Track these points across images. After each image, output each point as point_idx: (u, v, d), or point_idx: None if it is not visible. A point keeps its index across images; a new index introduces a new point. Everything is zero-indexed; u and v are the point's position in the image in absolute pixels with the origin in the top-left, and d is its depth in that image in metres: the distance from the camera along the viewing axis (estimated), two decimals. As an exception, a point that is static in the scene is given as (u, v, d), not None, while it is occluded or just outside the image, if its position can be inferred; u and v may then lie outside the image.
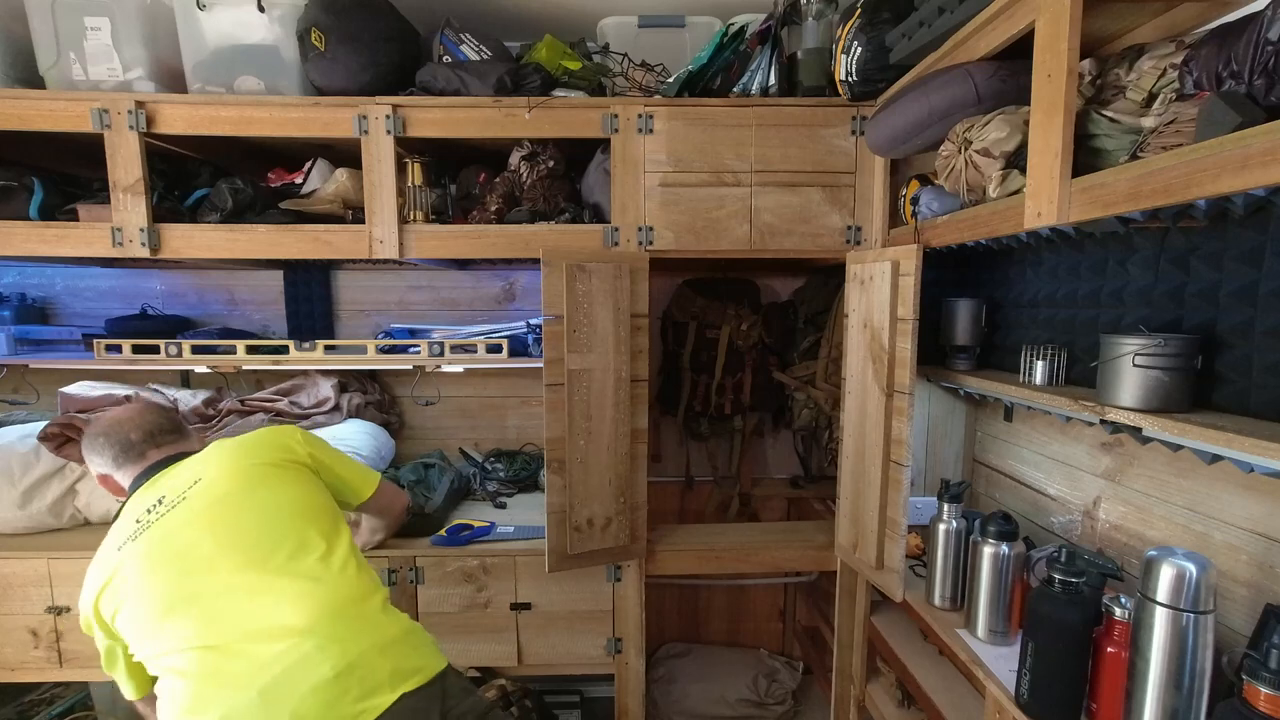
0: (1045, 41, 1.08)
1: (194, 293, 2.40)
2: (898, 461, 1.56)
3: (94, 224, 1.76)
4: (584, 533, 1.73)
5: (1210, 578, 0.94)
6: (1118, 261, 1.31)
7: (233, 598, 1.15)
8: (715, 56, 1.73)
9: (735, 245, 1.79)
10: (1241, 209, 0.88)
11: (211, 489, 1.25)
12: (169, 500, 1.24)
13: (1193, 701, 0.95)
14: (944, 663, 1.63)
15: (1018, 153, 1.22)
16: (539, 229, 1.80)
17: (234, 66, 1.77)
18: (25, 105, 1.71)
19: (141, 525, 1.21)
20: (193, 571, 1.16)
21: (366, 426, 2.25)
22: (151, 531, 1.20)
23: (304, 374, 2.33)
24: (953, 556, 1.50)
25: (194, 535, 1.19)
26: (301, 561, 1.20)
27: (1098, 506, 1.49)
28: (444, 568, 1.83)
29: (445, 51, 1.80)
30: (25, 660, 1.85)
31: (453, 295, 2.43)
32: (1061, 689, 1.09)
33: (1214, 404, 1.10)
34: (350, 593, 1.21)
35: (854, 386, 1.74)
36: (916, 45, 1.43)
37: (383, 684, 1.14)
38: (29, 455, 1.92)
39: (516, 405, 2.47)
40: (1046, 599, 1.11)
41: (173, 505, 1.23)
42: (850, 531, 1.78)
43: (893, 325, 1.55)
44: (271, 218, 1.83)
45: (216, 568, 1.17)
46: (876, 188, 1.78)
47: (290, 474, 1.33)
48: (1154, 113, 1.04)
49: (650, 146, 1.76)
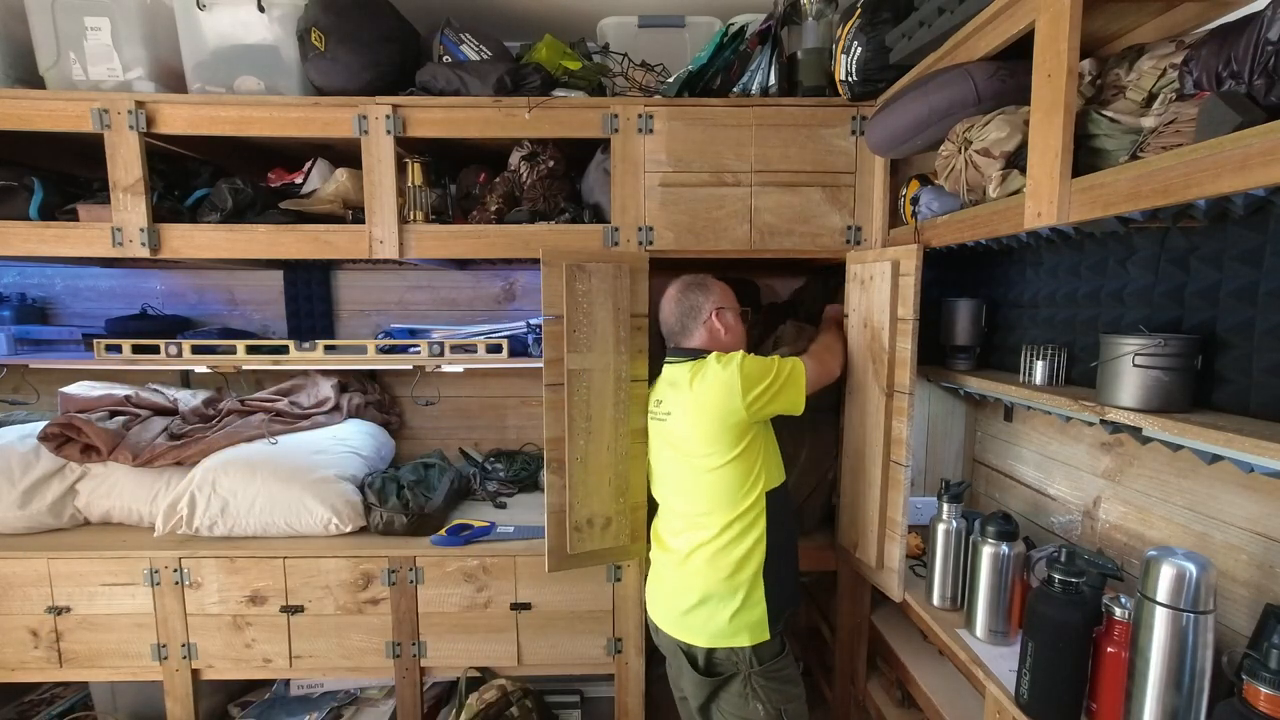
0: (1045, 41, 1.08)
1: (194, 293, 2.41)
2: (898, 461, 1.56)
3: (94, 224, 1.76)
4: (584, 532, 1.73)
5: (1210, 578, 0.94)
6: (1118, 261, 1.31)
7: None
8: (715, 56, 1.73)
9: (735, 245, 1.79)
10: (1241, 209, 0.88)
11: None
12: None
13: (1193, 701, 0.95)
14: (944, 663, 1.63)
15: (1018, 153, 1.21)
16: (539, 229, 1.80)
17: (234, 66, 1.77)
18: (25, 105, 1.71)
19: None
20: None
21: (366, 426, 2.25)
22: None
23: (304, 374, 2.33)
24: (953, 556, 1.50)
25: None
26: None
27: (1098, 506, 1.49)
28: (444, 568, 1.83)
29: (445, 51, 1.80)
30: (25, 660, 1.86)
31: (453, 295, 2.43)
32: (1061, 689, 1.09)
33: (1214, 404, 1.10)
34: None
35: (854, 386, 1.74)
36: (916, 45, 1.43)
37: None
38: (29, 455, 1.92)
39: (516, 405, 2.47)
40: (1046, 599, 1.11)
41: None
42: (850, 531, 1.78)
43: (893, 325, 1.55)
44: (271, 218, 1.83)
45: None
46: (876, 188, 1.77)
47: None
48: (1154, 113, 1.04)
49: (650, 146, 1.76)
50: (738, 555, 1.47)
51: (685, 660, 1.52)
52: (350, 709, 2.04)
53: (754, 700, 1.46)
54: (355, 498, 1.92)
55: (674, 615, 1.53)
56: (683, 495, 1.56)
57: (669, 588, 1.56)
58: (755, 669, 1.46)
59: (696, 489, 1.52)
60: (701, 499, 1.51)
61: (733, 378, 1.44)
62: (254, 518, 1.83)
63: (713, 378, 1.47)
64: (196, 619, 1.84)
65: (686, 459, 1.53)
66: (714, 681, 1.48)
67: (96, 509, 1.95)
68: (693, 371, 1.52)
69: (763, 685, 1.46)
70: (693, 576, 1.50)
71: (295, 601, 1.83)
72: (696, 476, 1.51)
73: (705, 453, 1.48)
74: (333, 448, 2.03)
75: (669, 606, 1.55)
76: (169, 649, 1.85)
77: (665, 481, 1.64)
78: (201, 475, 1.85)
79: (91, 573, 1.82)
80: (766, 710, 1.46)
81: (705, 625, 1.48)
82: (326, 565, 1.82)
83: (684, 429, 1.51)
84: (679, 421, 1.53)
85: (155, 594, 1.83)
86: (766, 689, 1.46)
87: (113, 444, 1.90)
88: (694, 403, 1.48)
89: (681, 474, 1.55)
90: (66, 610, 1.83)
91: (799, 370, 1.51)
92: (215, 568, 1.82)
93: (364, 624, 1.85)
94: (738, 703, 1.47)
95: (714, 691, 1.50)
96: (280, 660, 1.86)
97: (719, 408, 1.44)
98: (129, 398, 2.09)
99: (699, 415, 1.48)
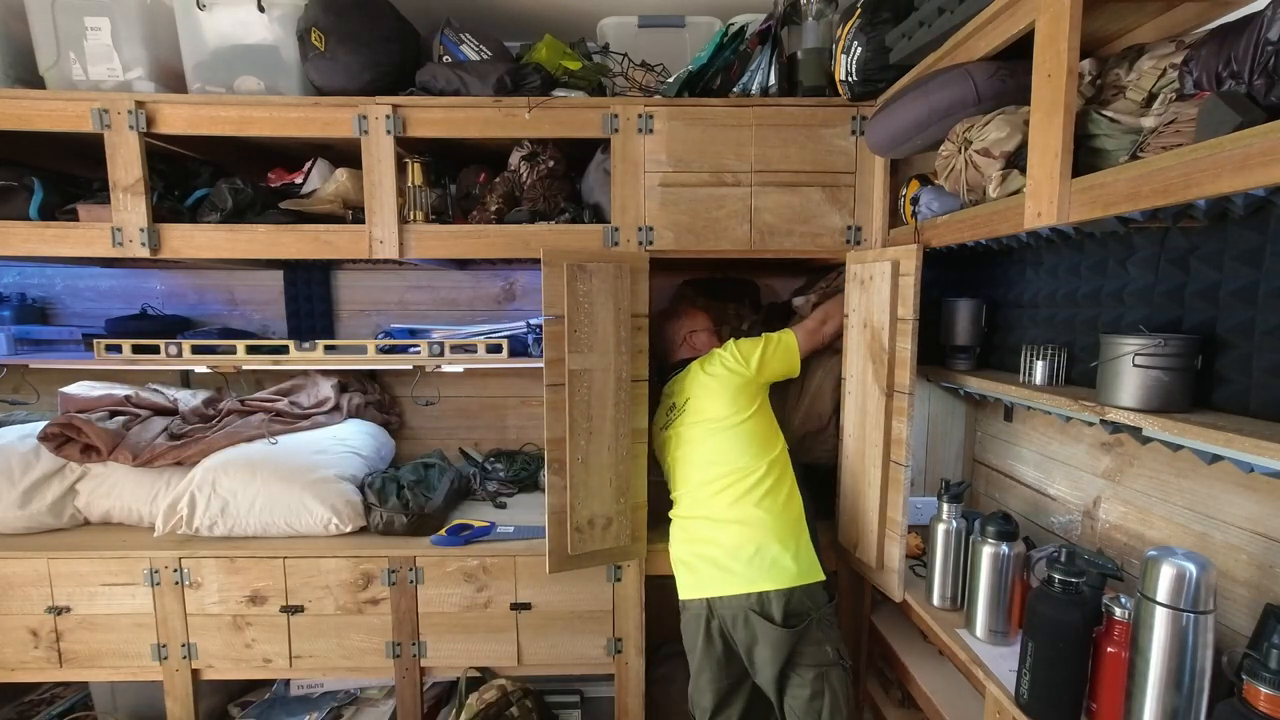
0: (1045, 41, 1.08)
1: (194, 293, 2.40)
2: (897, 461, 1.56)
3: (94, 224, 1.76)
4: (584, 533, 1.73)
5: (1210, 578, 0.94)
6: (1118, 261, 1.31)
7: None
8: (715, 56, 1.73)
9: (735, 245, 1.79)
10: (1241, 209, 0.88)
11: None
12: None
13: (1193, 701, 0.95)
14: (944, 663, 1.63)
15: (1018, 153, 1.21)
16: (539, 229, 1.80)
17: (234, 66, 1.77)
18: (25, 105, 1.71)
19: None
20: None
21: (366, 426, 2.25)
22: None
23: (304, 374, 2.33)
24: (953, 556, 1.50)
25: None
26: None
27: (1098, 506, 1.49)
28: (444, 568, 1.83)
29: (445, 51, 1.80)
30: (25, 660, 1.86)
31: (453, 295, 2.43)
32: (1061, 689, 1.09)
33: (1214, 404, 1.10)
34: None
35: (854, 386, 1.74)
36: (916, 45, 1.43)
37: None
38: (29, 455, 1.92)
39: (516, 405, 2.47)
40: (1046, 599, 1.11)
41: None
42: (850, 531, 1.78)
43: (893, 325, 1.55)
44: (271, 218, 1.83)
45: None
46: (876, 188, 1.77)
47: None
48: (1154, 113, 1.04)
49: (650, 146, 1.76)
50: (783, 496, 1.63)
51: (760, 622, 1.53)
52: (350, 709, 2.04)
53: (825, 643, 1.55)
54: (355, 498, 1.92)
55: (736, 573, 1.57)
56: (716, 462, 1.67)
57: (720, 552, 1.61)
58: (825, 609, 1.56)
59: (730, 445, 1.66)
60: (736, 452, 1.65)
61: (733, 350, 1.76)
62: (254, 518, 1.83)
63: (717, 359, 1.76)
64: (196, 619, 1.84)
65: (713, 424, 1.69)
66: (795, 633, 1.52)
67: (96, 509, 1.95)
68: (695, 366, 1.79)
69: (828, 626, 1.56)
70: (746, 528, 1.59)
71: (295, 601, 1.83)
72: (727, 433, 1.67)
73: (728, 413, 1.68)
74: (333, 448, 2.03)
75: (726, 570, 1.58)
76: (169, 649, 1.85)
77: (691, 463, 1.73)
78: (201, 475, 1.84)
79: (91, 573, 1.82)
80: (831, 651, 1.54)
81: (772, 569, 1.54)
82: (326, 565, 1.82)
83: (703, 403, 1.72)
84: (698, 402, 1.73)
85: (155, 594, 1.83)
86: (828, 629, 1.56)
87: (113, 444, 1.90)
88: (707, 381, 1.73)
89: (712, 443, 1.69)
90: (66, 610, 1.83)
91: (788, 337, 1.79)
92: (215, 568, 1.82)
93: (364, 624, 1.85)
94: (814, 652, 1.54)
95: (794, 646, 1.53)
96: (280, 660, 1.86)
97: (730, 375, 1.71)
98: (129, 398, 2.09)
99: (715, 385, 1.71)
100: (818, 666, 1.52)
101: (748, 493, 1.61)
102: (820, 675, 1.52)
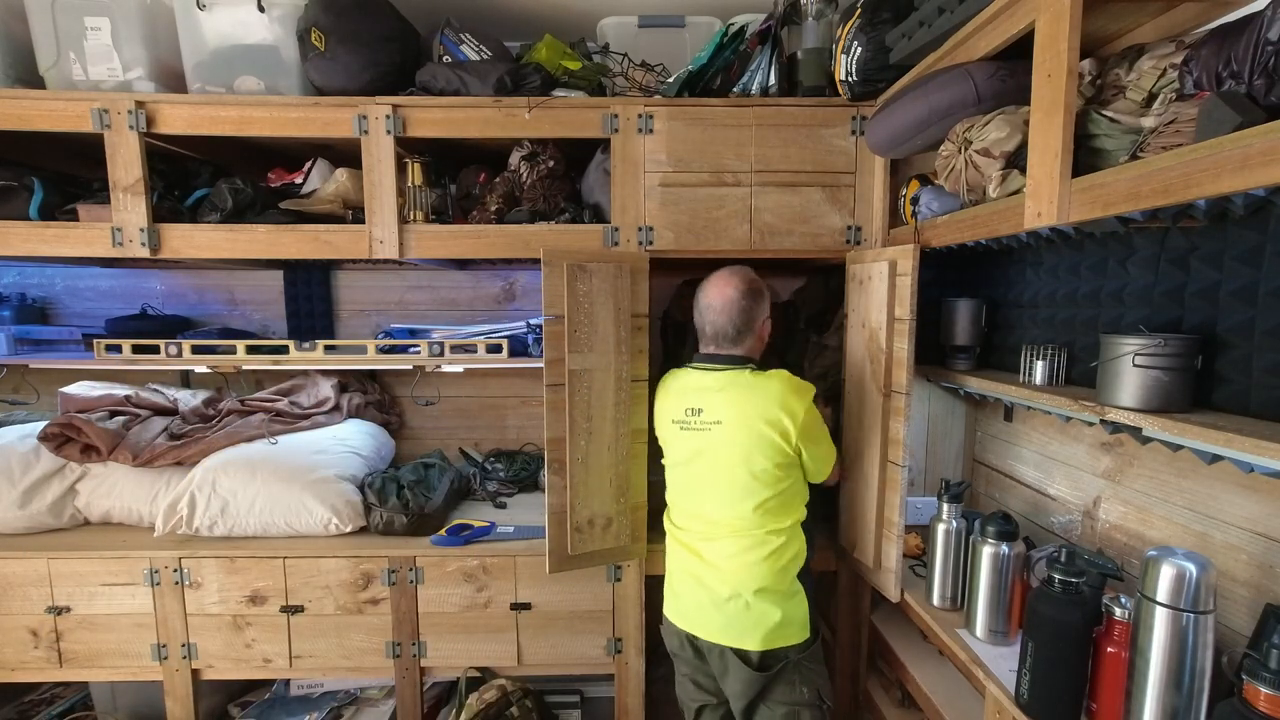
0: (1045, 41, 1.08)
1: (194, 293, 2.40)
2: (895, 462, 1.56)
3: (94, 224, 1.76)
4: (584, 533, 1.73)
5: (1210, 578, 0.94)
6: (1118, 261, 1.31)
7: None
8: (715, 56, 1.73)
9: (735, 245, 1.79)
10: (1241, 209, 0.88)
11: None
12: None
13: (1193, 701, 0.95)
14: (944, 663, 1.63)
15: (1018, 153, 1.21)
16: (539, 229, 1.80)
17: (234, 66, 1.77)
18: (25, 105, 1.71)
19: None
20: None
21: (366, 426, 2.25)
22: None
23: (304, 374, 2.33)
24: (953, 556, 1.50)
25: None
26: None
27: (1098, 506, 1.49)
28: (444, 568, 1.83)
29: (445, 51, 1.80)
30: (25, 660, 1.86)
31: (453, 295, 2.43)
32: (1061, 689, 1.09)
33: (1214, 404, 1.10)
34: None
35: (852, 386, 1.74)
36: (916, 45, 1.43)
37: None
38: (29, 455, 1.92)
39: (516, 405, 2.47)
40: (1046, 599, 1.11)
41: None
42: (849, 531, 1.78)
43: (890, 325, 1.55)
44: (271, 218, 1.83)
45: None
46: (876, 188, 1.77)
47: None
48: (1154, 113, 1.04)
49: (650, 146, 1.76)
50: (789, 556, 1.48)
51: (735, 660, 1.48)
52: (350, 709, 2.04)
53: (800, 685, 1.49)
54: (355, 498, 1.92)
55: (719, 622, 1.49)
56: (730, 504, 1.48)
57: (706, 596, 1.50)
58: (807, 654, 1.49)
59: (754, 499, 1.46)
60: (759, 512, 1.46)
61: (798, 422, 1.43)
62: (254, 518, 1.83)
63: (778, 412, 1.43)
64: (196, 619, 1.84)
65: (742, 466, 1.45)
66: (766, 676, 1.47)
67: (96, 509, 1.95)
68: (738, 382, 1.48)
69: (806, 669, 1.50)
70: (741, 578, 1.46)
71: (295, 601, 1.83)
72: (756, 488, 1.45)
73: (764, 466, 1.44)
74: (333, 448, 2.03)
75: (710, 615, 1.50)
76: (169, 649, 1.85)
77: (701, 491, 1.53)
78: (201, 475, 1.84)
79: (91, 573, 1.82)
80: (809, 692, 1.49)
81: (756, 628, 1.45)
82: (326, 565, 1.82)
83: (741, 437, 1.44)
84: (734, 431, 1.45)
85: (155, 594, 1.83)
86: (808, 672, 1.50)
87: (113, 444, 1.90)
88: (760, 427, 1.43)
89: (738, 488, 1.47)
90: (66, 610, 1.83)
91: (833, 456, 1.56)
92: (215, 568, 1.82)
93: (364, 624, 1.85)
94: (786, 691, 1.48)
95: (765, 686, 1.49)
96: (280, 660, 1.86)
97: (777, 434, 1.43)
98: (129, 398, 2.09)
99: (763, 427, 1.43)
100: (790, 704, 1.47)
101: (754, 547, 1.46)
102: (792, 713, 1.47)
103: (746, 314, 1.50)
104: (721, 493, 1.50)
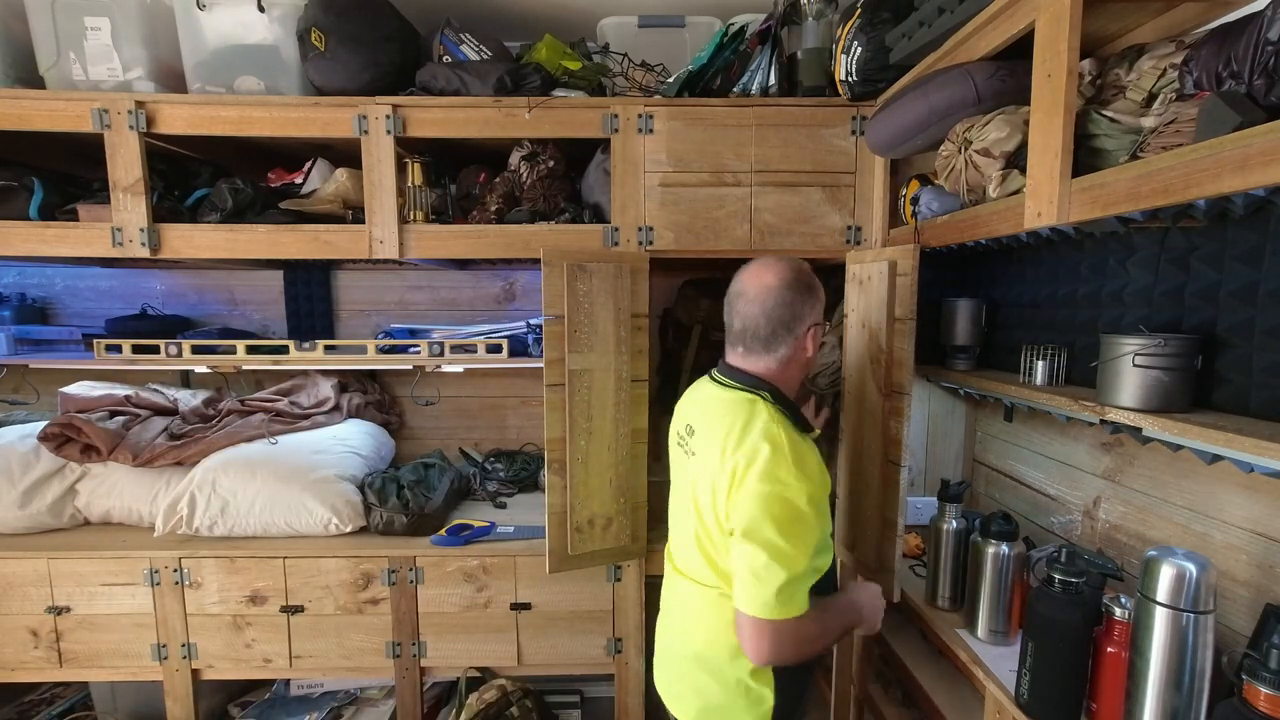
0: (1045, 41, 1.08)
1: (194, 293, 2.40)
2: (895, 462, 1.56)
3: (94, 224, 1.76)
4: (584, 533, 1.73)
5: (1210, 578, 0.94)
6: (1118, 261, 1.31)
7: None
8: (715, 56, 1.73)
9: (735, 245, 1.79)
10: (1241, 209, 0.88)
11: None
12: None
13: (1193, 701, 0.95)
14: (944, 663, 1.63)
15: (1018, 153, 1.22)
16: (539, 229, 1.80)
17: (234, 66, 1.77)
18: (25, 105, 1.71)
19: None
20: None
21: (366, 426, 2.25)
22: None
23: (304, 374, 2.33)
24: (953, 556, 1.50)
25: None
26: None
27: (1098, 506, 1.49)
28: (444, 568, 1.83)
29: (445, 51, 1.80)
30: (25, 660, 1.86)
31: (453, 295, 2.43)
32: (1061, 689, 1.09)
33: (1214, 404, 1.10)
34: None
35: (852, 387, 1.74)
36: (916, 45, 1.43)
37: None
38: (29, 455, 1.92)
39: (516, 405, 2.47)
40: (1046, 599, 1.11)
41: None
42: (848, 531, 1.78)
43: (890, 325, 1.55)
44: (271, 218, 1.83)
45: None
46: (876, 188, 1.78)
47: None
48: (1154, 113, 1.04)
49: (650, 146, 1.76)
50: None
51: None
52: (350, 709, 2.04)
53: None
54: (355, 498, 1.92)
55: (663, 679, 1.34)
56: (689, 546, 1.25)
57: (664, 642, 1.35)
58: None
59: (708, 562, 1.21)
60: (709, 564, 1.20)
61: (738, 479, 1.10)
62: (254, 518, 1.83)
63: (736, 445, 1.12)
64: (196, 619, 1.84)
65: (708, 513, 1.18)
66: None
67: (96, 509, 1.95)
68: (735, 418, 1.15)
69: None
70: (687, 636, 1.25)
71: (295, 601, 1.83)
72: (707, 539, 1.20)
73: (715, 526, 1.17)
74: (333, 448, 2.03)
75: (663, 664, 1.35)
76: (169, 649, 1.85)
77: (674, 521, 1.35)
78: (201, 475, 1.84)
79: (91, 573, 1.82)
80: None
81: (694, 696, 1.22)
82: (326, 565, 1.82)
83: (707, 492, 1.17)
84: (704, 474, 1.18)
85: (155, 594, 1.83)
86: None
87: (113, 444, 1.90)
88: (715, 457, 1.15)
89: (692, 527, 1.23)
90: (66, 610, 1.83)
91: (774, 583, 1.06)
92: (215, 568, 1.82)
93: (364, 624, 1.85)
94: None
95: None
96: (280, 660, 1.86)
97: (720, 490, 1.14)
98: (129, 398, 2.09)
99: (718, 475, 1.14)
100: None
101: (710, 607, 1.21)
102: None
103: (788, 308, 1.17)
104: (682, 533, 1.28)
